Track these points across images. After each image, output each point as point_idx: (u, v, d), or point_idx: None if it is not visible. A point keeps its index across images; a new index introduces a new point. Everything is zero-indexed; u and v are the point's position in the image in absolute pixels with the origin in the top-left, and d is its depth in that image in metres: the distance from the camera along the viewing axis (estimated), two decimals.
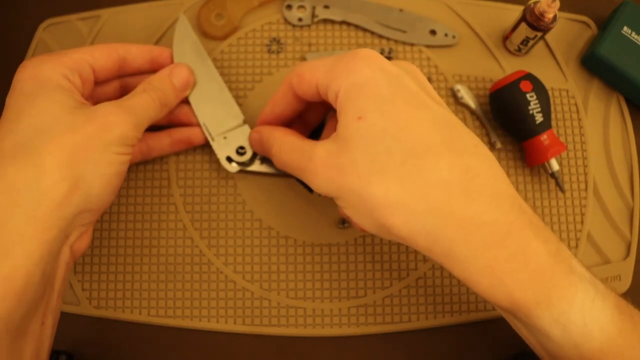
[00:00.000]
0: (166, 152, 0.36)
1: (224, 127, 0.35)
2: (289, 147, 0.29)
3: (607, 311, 0.24)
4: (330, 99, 0.27)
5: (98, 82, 0.31)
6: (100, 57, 0.31)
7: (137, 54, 0.33)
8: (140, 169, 0.36)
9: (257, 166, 0.35)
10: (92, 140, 0.26)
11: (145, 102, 0.30)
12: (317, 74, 0.27)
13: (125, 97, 0.30)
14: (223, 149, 0.35)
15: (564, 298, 0.23)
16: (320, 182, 0.26)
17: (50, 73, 0.28)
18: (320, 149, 0.26)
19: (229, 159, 0.35)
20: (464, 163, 0.24)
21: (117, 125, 0.27)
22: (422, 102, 0.25)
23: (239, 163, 0.34)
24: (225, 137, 0.35)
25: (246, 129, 0.35)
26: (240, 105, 0.37)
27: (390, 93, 0.25)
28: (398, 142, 0.24)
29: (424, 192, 0.23)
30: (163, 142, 0.35)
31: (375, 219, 0.24)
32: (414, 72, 0.27)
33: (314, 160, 0.26)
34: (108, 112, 0.28)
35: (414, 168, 0.23)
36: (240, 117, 0.35)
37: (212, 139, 0.35)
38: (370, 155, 0.24)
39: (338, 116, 0.26)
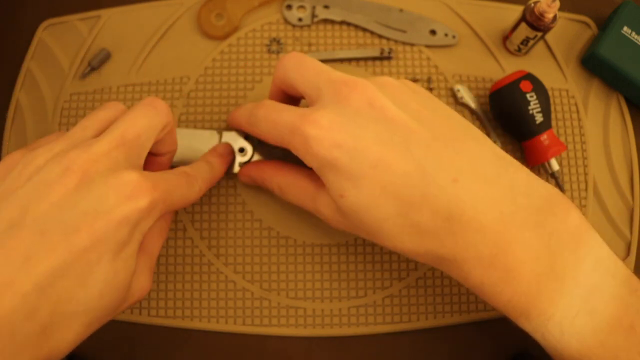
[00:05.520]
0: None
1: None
2: (290, 190, 0.31)
3: (589, 327, 0.24)
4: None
5: None
6: None
7: None
8: None
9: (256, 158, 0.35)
10: None
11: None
12: (279, 134, 0.28)
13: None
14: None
15: (542, 315, 0.24)
16: (334, 227, 0.29)
17: None
18: (324, 204, 0.28)
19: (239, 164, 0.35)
20: (446, 204, 0.24)
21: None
22: (390, 147, 0.25)
23: (242, 163, 0.35)
24: None
25: (225, 135, 0.35)
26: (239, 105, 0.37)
27: (356, 168, 0.25)
28: (384, 205, 0.25)
29: (420, 242, 0.25)
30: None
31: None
32: (372, 92, 0.26)
33: (322, 212, 0.29)
34: None
35: (406, 224, 0.25)
36: (213, 133, 0.35)
37: None
38: (368, 222, 0.26)
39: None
